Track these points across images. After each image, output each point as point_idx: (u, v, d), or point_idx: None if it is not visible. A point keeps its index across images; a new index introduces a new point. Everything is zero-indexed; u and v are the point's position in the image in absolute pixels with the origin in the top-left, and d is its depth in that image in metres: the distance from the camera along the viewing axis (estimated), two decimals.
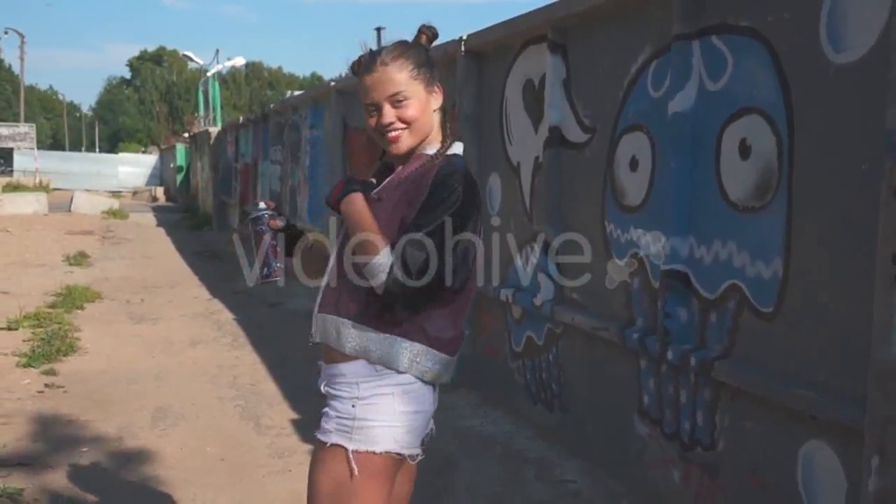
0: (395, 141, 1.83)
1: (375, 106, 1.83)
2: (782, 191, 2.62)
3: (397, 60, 1.81)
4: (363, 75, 1.84)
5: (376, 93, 1.81)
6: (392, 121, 1.81)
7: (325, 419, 1.87)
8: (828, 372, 2.44)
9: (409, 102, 1.81)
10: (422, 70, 1.83)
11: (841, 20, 2.40)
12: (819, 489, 2.48)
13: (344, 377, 1.85)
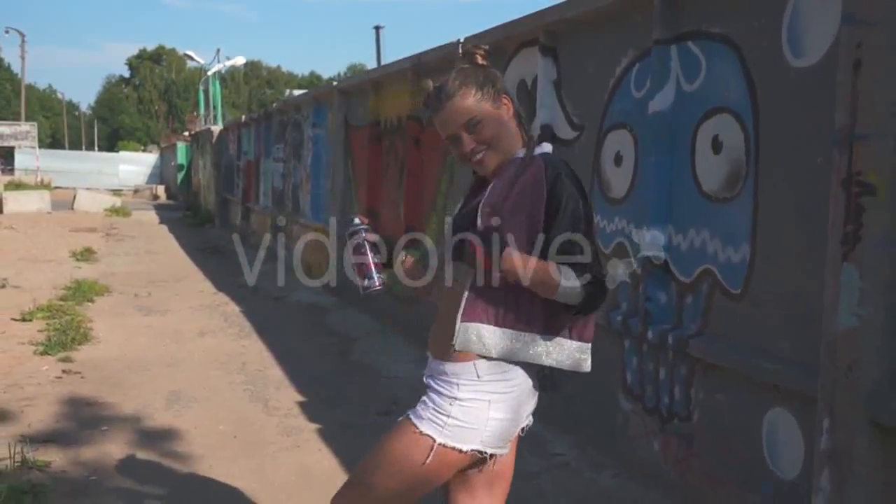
0: (482, 164, 1.92)
1: (453, 138, 1.92)
2: (749, 182, 2.89)
3: (460, 90, 1.88)
4: (434, 114, 1.94)
5: (450, 126, 1.90)
6: (472, 146, 1.90)
7: (422, 406, 1.93)
8: (789, 345, 2.71)
9: (482, 125, 1.89)
10: (485, 90, 1.90)
11: (799, 30, 2.67)
12: (780, 451, 2.74)
13: (446, 375, 1.90)
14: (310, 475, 3.68)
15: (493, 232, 1.85)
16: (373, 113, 7.07)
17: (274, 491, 3.49)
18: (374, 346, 6.10)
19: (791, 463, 2.69)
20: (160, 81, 76.98)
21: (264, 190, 11.97)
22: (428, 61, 5.84)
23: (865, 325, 2.32)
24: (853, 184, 2.32)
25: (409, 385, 5.08)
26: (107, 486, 3.49)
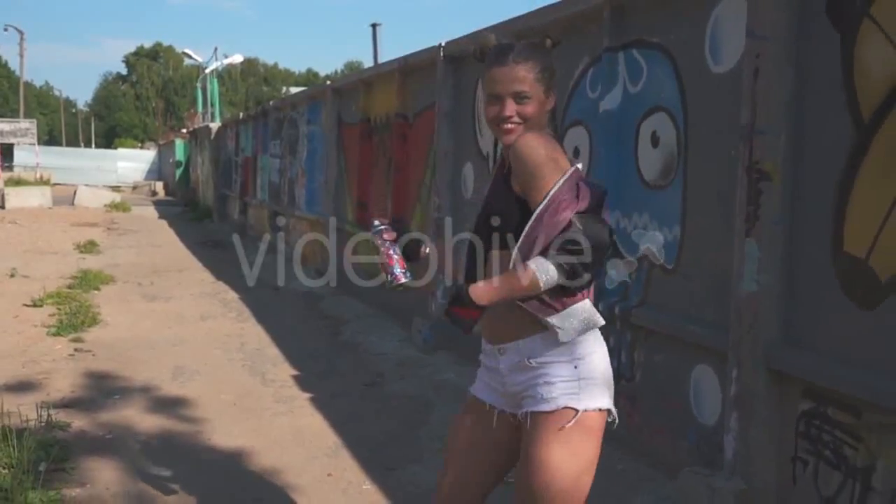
0: (510, 133, 1.91)
1: (499, 98, 1.91)
2: (680, 172, 3.35)
3: (529, 61, 1.90)
4: (492, 66, 1.92)
5: (503, 86, 1.90)
6: (512, 114, 1.90)
7: (541, 390, 1.90)
8: (711, 310, 3.17)
9: (529, 101, 1.90)
10: (545, 73, 1.92)
11: (718, 41, 3.13)
12: (703, 402, 3.21)
13: (548, 343, 1.89)
14: (302, 434, 4.14)
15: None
16: (364, 111, 7.52)
17: (270, 446, 3.94)
18: (364, 327, 6.55)
19: (711, 411, 3.15)
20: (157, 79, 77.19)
21: (261, 185, 12.41)
22: (413, 63, 6.29)
23: (763, 289, 2.79)
24: (753, 171, 2.78)
25: (393, 360, 5.54)
26: (122, 443, 3.94)
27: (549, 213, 1.83)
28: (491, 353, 2.02)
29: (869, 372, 2.46)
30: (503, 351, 1.97)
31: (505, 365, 1.97)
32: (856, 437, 2.53)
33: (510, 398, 2.00)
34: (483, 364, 2.09)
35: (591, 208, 1.85)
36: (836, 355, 2.60)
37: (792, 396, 2.77)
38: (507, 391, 2.00)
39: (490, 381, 2.05)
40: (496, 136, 1.99)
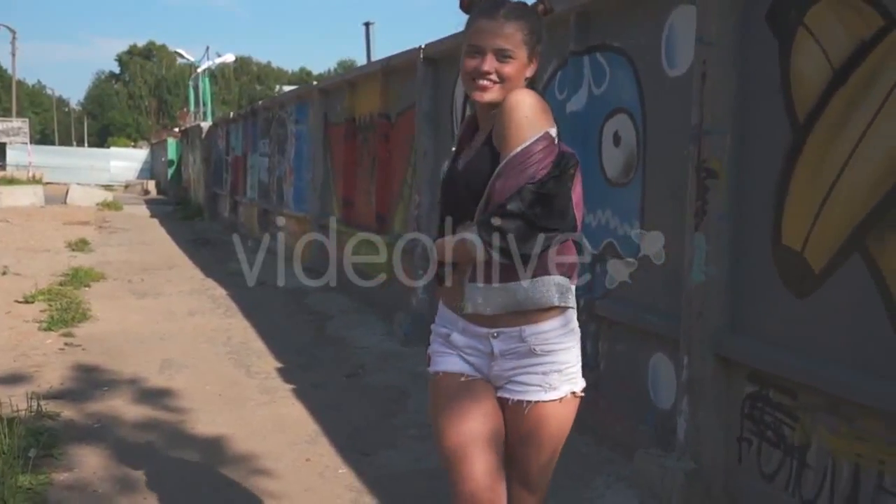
0: (483, 90, 1.85)
1: (479, 50, 1.84)
2: (639, 170, 3.53)
3: (519, 20, 1.83)
4: (480, 17, 1.85)
5: (487, 39, 1.82)
6: (491, 71, 1.82)
7: (550, 379, 1.90)
8: (666, 301, 3.34)
9: (511, 62, 1.83)
10: (532, 37, 1.86)
11: (673, 46, 3.30)
12: (660, 387, 3.38)
13: (555, 330, 1.90)
14: (283, 422, 4.30)
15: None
16: (349, 111, 7.68)
17: (251, 433, 4.10)
18: (348, 322, 6.72)
19: (667, 396, 3.32)
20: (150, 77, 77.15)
21: (251, 183, 12.56)
22: (395, 64, 6.45)
23: (710, 280, 2.96)
24: (701, 169, 2.96)
25: (374, 353, 5.71)
26: (109, 431, 4.10)
27: (505, 173, 1.78)
28: (479, 336, 1.93)
29: (804, 356, 2.64)
30: (499, 335, 1.90)
31: (499, 349, 1.90)
32: (793, 417, 2.71)
33: (495, 378, 1.96)
34: (453, 342, 1.98)
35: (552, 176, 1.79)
36: (777, 341, 2.77)
37: (738, 380, 2.94)
38: (492, 373, 1.95)
39: (467, 357, 1.97)
40: (468, 91, 1.90)
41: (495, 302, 1.87)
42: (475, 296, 1.89)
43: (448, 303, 2.01)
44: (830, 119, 2.54)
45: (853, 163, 2.46)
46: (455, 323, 1.98)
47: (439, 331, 2.04)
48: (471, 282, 1.89)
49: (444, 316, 2.03)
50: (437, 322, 2.07)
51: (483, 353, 1.94)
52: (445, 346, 2.01)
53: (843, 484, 2.51)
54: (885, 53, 2.35)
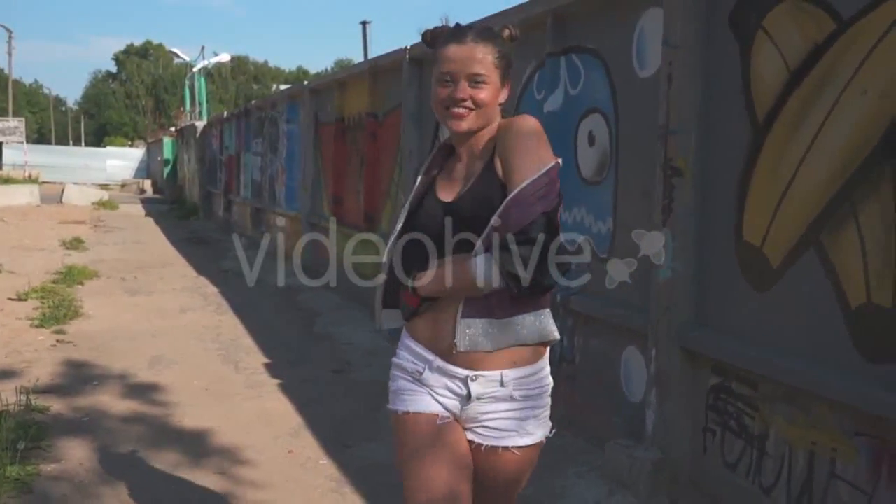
0: (460, 118, 1.78)
1: (452, 77, 1.77)
2: (612, 169, 3.62)
3: (488, 44, 1.77)
4: (448, 44, 1.78)
5: (458, 66, 1.76)
6: (465, 97, 1.76)
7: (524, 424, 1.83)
8: (637, 296, 3.44)
9: (485, 86, 1.76)
10: (503, 61, 1.80)
11: (643, 48, 3.39)
12: (632, 380, 3.48)
13: (535, 374, 1.83)
14: (268, 416, 4.39)
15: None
16: (338, 110, 7.77)
17: (237, 427, 4.19)
18: (337, 319, 6.81)
19: (638, 389, 3.42)
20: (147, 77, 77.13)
21: (245, 182, 12.64)
22: (382, 65, 6.54)
23: (677, 275, 3.06)
24: (667, 168, 3.05)
25: (362, 350, 5.80)
26: (97, 424, 4.18)
27: (522, 200, 1.67)
28: (455, 378, 1.81)
29: (763, 348, 2.73)
30: (477, 378, 1.79)
31: (477, 392, 1.80)
32: (754, 407, 2.81)
33: (465, 420, 1.85)
34: (425, 380, 1.84)
35: (555, 209, 1.75)
36: (739, 334, 2.87)
37: (702, 373, 3.04)
38: (464, 416, 1.84)
39: (438, 397, 1.84)
40: (443, 121, 1.81)
41: (498, 338, 1.76)
42: (475, 332, 1.76)
43: (425, 339, 1.84)
44: (787, 119, 2.63)
45: (808, 162, 2.55)
46: (428, 360, 1.83)
47: (406, 367, 1.88)
48: (466, 317, 1.76)
49: (415, 352, 1.86)
50: (401, 356, 1.91)
51: (457, 394, 1.82)
52: (415, 384, 1.85)
53: (799, 471, 2.60)
54: (837, 56, 2.45)
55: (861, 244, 2.38)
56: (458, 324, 1.77)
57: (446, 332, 1.79)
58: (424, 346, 1.84)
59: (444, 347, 1.80)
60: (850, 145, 2.40)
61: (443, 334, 1.80)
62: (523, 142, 1.73)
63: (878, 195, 2.33)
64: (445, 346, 1.80)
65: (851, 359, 2.41)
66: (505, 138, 1.77)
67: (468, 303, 1.75)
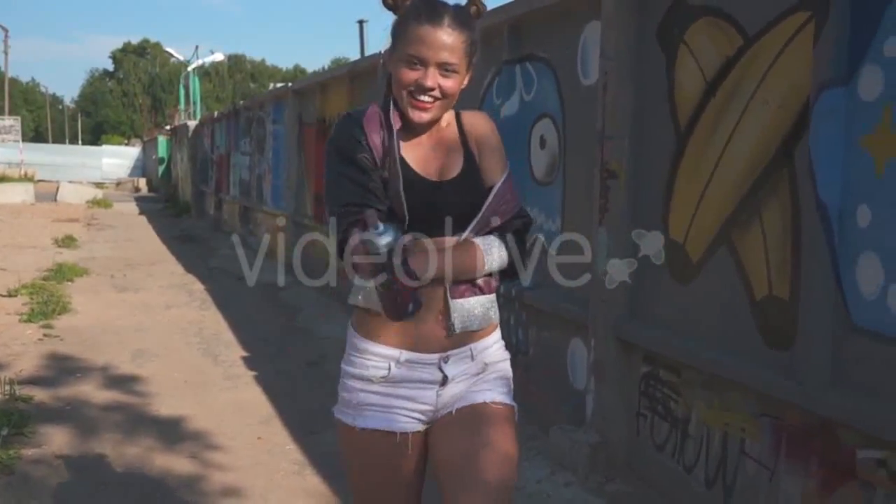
0: (423, 110, 1.66)
1: (421, 62, 1.64)
2: (560, 171, 3.84)
3: (463, 31, 1.65)
4: (423, 23, 1.63)
5: (430, 51, 1.63)
6: (433, 86, 1.64)
7: (499, 384, 1.82)
8: (582, 290, 3.66)
9: (455, 76, 1.66)
10: (472, 47, 1.69)
11: (587, 58, 3.62)
12: (577, 369, 3.70)
13: (497, 343, 1.85)
14: (242, 405, 4.61)
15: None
16: (320, 111, 7.99)
17: (212, 415, 4.41)
18: (316, 313, 7.04)
19: (581, 377, 3.64)
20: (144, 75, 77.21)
21: (234, 181, 12.85)
22: (360, 69, 6.77)
23: (612, 270, 3.28)
24: (604, 171, 3.28)
25: (338, 343, 5.97)
26: (79, 413, 4.40)
27: (508, 190, 1.78)
28: (427, 365, 1.74)
29: (685, 338, 2.96)
30: (449, 359, 1.75)
31: (452, 373, 1.75)
32: (678, 393, 3.03)
33: (442, 407, 1.78)
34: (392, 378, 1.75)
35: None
36: (666, 325, 3.09)
37: (635, 362, 3.27)
38: (439, 403, 1.77)
39: (403, 404, 1.76)
40: (403, 106, 1.68)
41: (485, 316, 1.77)
42: (468, 312, 1.73)
43: (388, 335, 1.74)
44: (704, 126, 2.86)
45: (721, 166, 2.78)
46: (392, 357, 1.74)
47: (366, 374, 1.76)
48: (457, 298, 1.72)
49: (375, 353, 1.75)
50: (357, 364, 1.78)
51: (428, 383, 1.75)
52: (377, 396, 1.76)
53: (715, 450, 2.83)
54: (744, 69, 2.67)
55: (764, 241, 2.61)
56: (450, 306, 1.72)
57: (429, 319, 1.71)
58: (387, 343, 1.74)
59: (421, 336, 1.72)
60: (756, 151, 2.63)
61: (424, 322, 1.71)
62: (498, 142, 1.82)
63: (777, 197, 2.55)
64: (425, 333, 1.72)
65: (756, 347, 2.64)
66: (481, 134, 1.78)
67: (454, 284, 1.71)
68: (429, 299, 1.69)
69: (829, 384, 2.35)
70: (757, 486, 2.64)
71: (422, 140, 1.76)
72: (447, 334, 1.73)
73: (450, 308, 1.72)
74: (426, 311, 1.70)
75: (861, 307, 2.26)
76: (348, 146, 1.69)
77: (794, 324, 2.45)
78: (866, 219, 2.24)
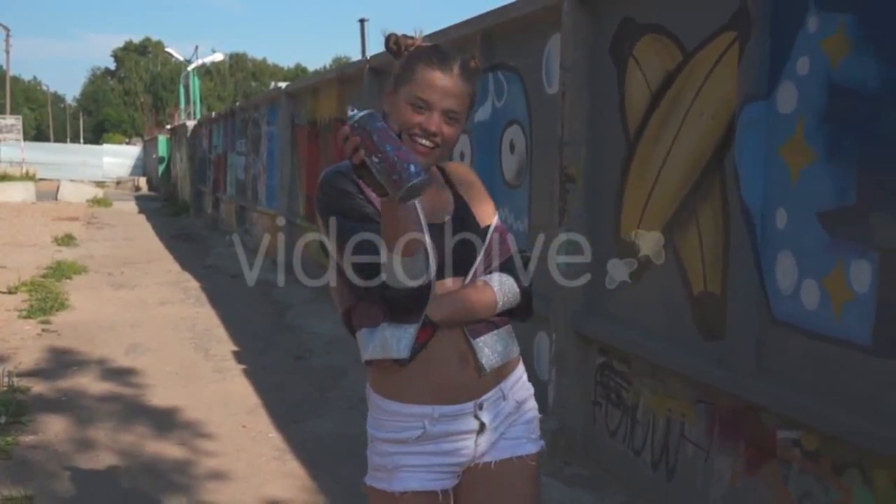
0: (423, 154, 1.63)
1: (428, 106, 1.63)
2: (527, 174, 4.07)
3: (469, 82, 1.68)
4: (434, 69, 1.64)
5: (438, 96, 1.63)
6: (437, 132, 1.64)
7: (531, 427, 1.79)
8: (546, 286, 3.88)
9: (456, 125, 1.67)
10: (472, 100, 1.72)
11: (550, 68, 3.84)
12: (541, 361, 3.93)
13: (524, 377, 1.83)
14: (229, 396, 4.85)
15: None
16: (311, 114, 8.23)
17: (200, 405, 4.64)
18: (306, 311, 7.26)
19: (545, 369, 3.87)
20: (146, 74, 77.49)
21: (231, 181, 13.09)
22: (348, 73, 7.00)
23: (571, 269, 3.51)
24: (563, 175, 3.51)
25: (325, 339, 6.25)
26: (74, 403, 4.64)
27: (505, 229, 1.82)
28: (462, 417, 1.68)
29: (634, 331, 3.19)
30: (483, 404, 1.69)
31: (489, 419, 1.70)
32: (629, 382, 3.26)
33: (478, 456, 1.72)
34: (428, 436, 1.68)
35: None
36: (618, 319, 3.32)
37: (592, 353, 3.49)
38: (477, 452, 1.71)
39: (442, 461, 1.70)
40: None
41: (507, 349, 1.75)
42: (491, 349, 1.70)
43: (417, 391, 1.67)
44: (650, 134, 3.08)
45: (664, 171, 3.01)
46: (425, 416, 1.66)
47: (397, 437, 1.68)
48: (476, 337, 1.68)
49: (404, 415, 1.68)
50: (385, 426, 1.70)
51: (467, 433, 1.69)
52: (413, 455, 1.69)
53: (659, 434, 3.06)
54: (683, 82, 2.90)
55: (700, 241, 2.83)
56: (474, 347, 1.67)
57: (453, 365, 1.66)
58: (416, 401, 1.66)
59: (449, 385, 1.67)
60: (692, 158, 2.85)
61: (448, 369, 1.66)
62: (481, 184, 1.86)
63: (711, 200, 2.78)
64: (452, 381, 1.67)
65: (694, 339, 2.86)
66: (466, 178, 1.82)
67: (471, 325, 1.68)
68: (448, 346, 1.65)
69: (754, 373, 2.57)
70: (695, 466, 2.87)
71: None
72: (478, 375, 1.67)
73: (474, 349, 1.66)
74: (449, 359, 1.65)
75: (780, 302, 2.49)
76: (342, 201, 1.64)
77: (724, 317, 2.67)
78: (783, 221, 2.46)
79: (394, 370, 1.64)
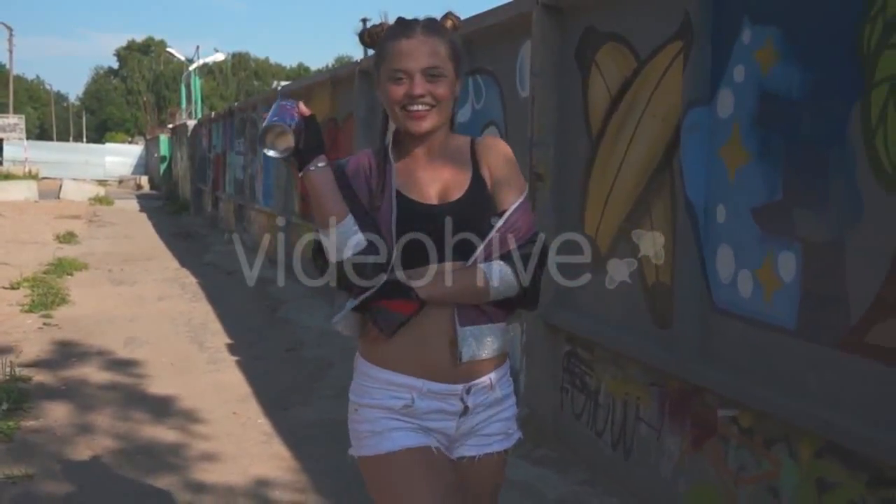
0: (421, 119, 1.64)
1: (406, 73, 1.63)
2: None
3: (440, 36, 1.67)
4: (397, 39, 1.65)
5: (412, 61, 1.62)
6: (424, 93, 1.62)
7: (508, 424, 1.81)
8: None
9: (444, 80, 1.65)
10: (455, 52, 1.69)
11: (523, 73, 4.05)
12: (514, 352, 4.14)
13: (508, 370, 1.84)
14: (221, 385, 5.07)
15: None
16: None
17: (194, 393, 4.86)
18: (299, 306, 7.49)
19: (518, 358, 4.09)
20: (148, 73, 77.77)
21: (229, 180, 13.32)
22: (340, 76, 7.22)
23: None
24: (533, 174, 3.72)
25: (315, 332, 6.47)
26: (74, 392, 4.86)
27: (524, 211, 1.75)
28: (448, 396, 1.69)
29: (597, 321, 3.40)
30: (471, 388, 1.70)
31: (473, 403, 1.71)
32: (592, 368, 3.48)
33: (459, 437, 1.75)
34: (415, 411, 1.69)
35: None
36: (583, 310, 3.53)
37: (560, 343, 3.71)
38: (457, 433, 1.74)
39: (422, 423, 1.71)
40: (400, 123, 1.68)
41: (495, 344, 1.72)
42: (477, 341, 1.68)
43: (407, 363, 1.68)
44: (610, 136, 3.30)
45: (622, 171, 3.22)
46: (415, 388, 1.68)
47: (385, 403, 1.70)
48: (466, 325, 1.67)
49: (395, 383, 1.69)
50: (375, 395, 1.72)
51: (450, 413, 1.71)
52: (400, 420, 1.69)
53: (618, 416, 3.28)
54: (638, 88, 3.11)
55: (653, 236, 3.05)
56: (458, 333, 1.67)
57: (439, 346, 1.67)
58: (407, 372, 1.68)
59: (437, 364, 1.68)
60: (646, 158, 3.07)
61: (435, 349, 1.67)
62: (512, 159, 1.81)
63: (662, 197, 2.99)
64: (439, 362, 1.68)
65: (647, 326, 3.08)
66: (495, 158, 1.77)
67: (463, 311, 1.67)
68: (434, 326, 1.66)
69: (698, 357, 2.79)
70: (648, 445, 3.08)
71: (417, 155, 1.74)
72: (457, 362, 1.67)
73: (458, 335, 1.66)
74: (438, 340, 1.66)
75: (720, 291, 2.70)
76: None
77: (672, 306, 2.89)
78: (723, 216, 2.68)
79: (381, 340, 1.67)
